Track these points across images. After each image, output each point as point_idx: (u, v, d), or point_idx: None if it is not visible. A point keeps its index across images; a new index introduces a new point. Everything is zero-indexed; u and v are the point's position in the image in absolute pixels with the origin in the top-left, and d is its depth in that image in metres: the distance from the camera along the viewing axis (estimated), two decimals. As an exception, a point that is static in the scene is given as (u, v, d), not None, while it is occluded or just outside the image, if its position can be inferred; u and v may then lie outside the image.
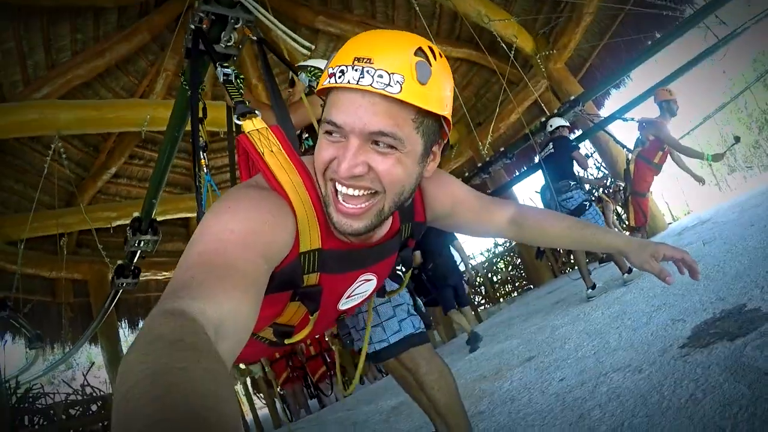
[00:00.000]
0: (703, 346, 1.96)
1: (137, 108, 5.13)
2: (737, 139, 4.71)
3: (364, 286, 1.22)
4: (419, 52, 0.85)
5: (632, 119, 6.07)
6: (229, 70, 1.91)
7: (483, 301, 11.93)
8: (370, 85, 0.80)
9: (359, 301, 1.29)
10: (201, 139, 2.23)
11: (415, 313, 1.92)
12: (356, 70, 0.81)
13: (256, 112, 1.22)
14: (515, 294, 11.64)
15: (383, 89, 0.80)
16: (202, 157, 2.20)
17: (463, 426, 1.83)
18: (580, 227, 1.32)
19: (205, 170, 2.22)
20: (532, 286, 10.78)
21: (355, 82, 0.81)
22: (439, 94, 0.87)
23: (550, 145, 5.30)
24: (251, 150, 0.99)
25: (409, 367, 1.85)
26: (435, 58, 0.87)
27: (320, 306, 1.09)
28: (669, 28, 6.51)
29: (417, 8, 4.00)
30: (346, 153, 0.84)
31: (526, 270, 11.40)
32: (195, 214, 6.99)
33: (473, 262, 12.00)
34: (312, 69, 1.80)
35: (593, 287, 4.58)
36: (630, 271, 4.38)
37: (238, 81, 1.90)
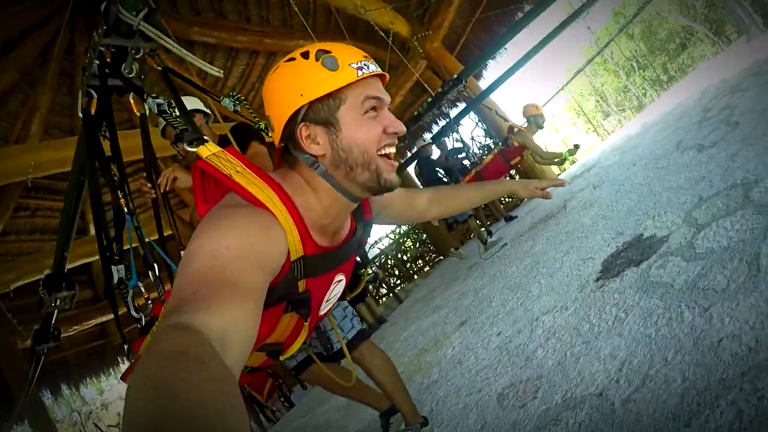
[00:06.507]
0: (614, 275, 2.24)
1: (17, 156, 4.49)
2: (577, 147, 5.71)
3: (337, 287, 1.30)
4: None
5: (506, 120, 6.87)
6: (160, 99, 1.82)
7: (398, 282, 12.18)
8: (382, 71, 1.05)
9: (333, 303, 1.38)
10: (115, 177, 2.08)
11: (356, 314, 2.24)
12: (373, 64, 1.03)
13: (206, 137, 1.20)
14: (428, 268, 11.98)
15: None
16: (120, 196, 2.04)
17: (407, 401, 2.13)
18: (481, 187, 1.63)
19: (126, 211, 2.06)
20: (442, 257, 11.20)
21: (378, 71, 1.03)
22: None
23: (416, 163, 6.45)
24: (216, 173, 1.00)
25: (357, 358, 2.13)
26: None
27: (311, 310, 1.15)
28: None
29: (295, 7, 3.98)
30: (391, 118, 1.05)
31: (434, 243, 11.83)
32: (95, 258, 6.38)
33: (381, 247, 12.27)
34: (234, 94, 1.76)
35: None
36: (490, 234, 5.56)
37: (172, 109, 1.80)
